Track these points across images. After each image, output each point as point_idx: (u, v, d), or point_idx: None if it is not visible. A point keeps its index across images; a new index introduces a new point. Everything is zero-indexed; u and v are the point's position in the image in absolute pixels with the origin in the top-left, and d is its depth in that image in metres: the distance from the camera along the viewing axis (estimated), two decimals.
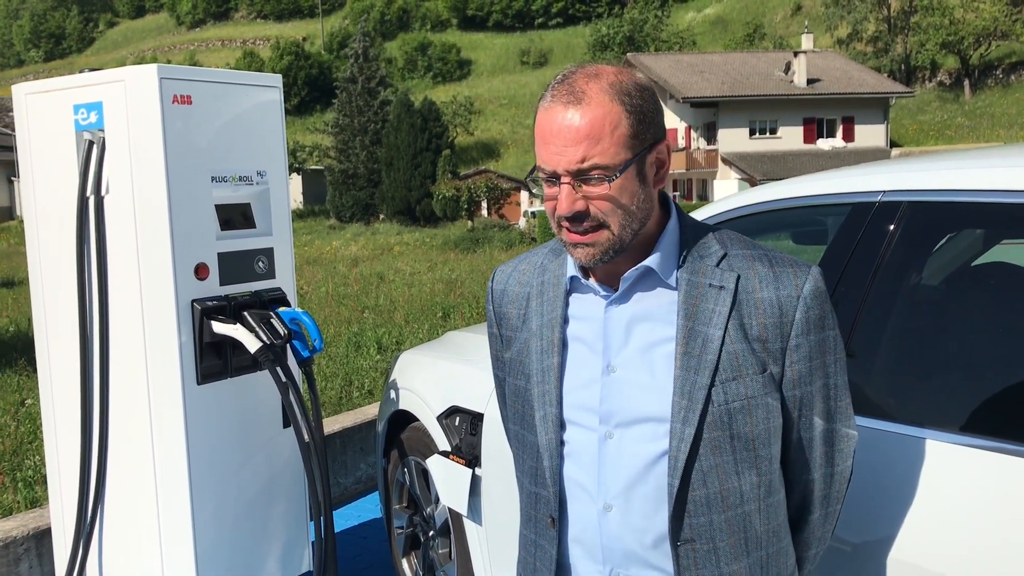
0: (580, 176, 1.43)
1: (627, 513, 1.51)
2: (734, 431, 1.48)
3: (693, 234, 1.57)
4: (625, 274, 1.52)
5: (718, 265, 1.52)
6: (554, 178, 1.45)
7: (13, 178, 46.18)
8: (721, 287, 1.50)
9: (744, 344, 1.48)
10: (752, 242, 1.59)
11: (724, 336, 1.48)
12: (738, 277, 1.51)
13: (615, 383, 1.52)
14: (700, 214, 2.65)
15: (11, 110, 2.90)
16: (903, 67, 59.06)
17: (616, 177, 1.44)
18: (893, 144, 45.61)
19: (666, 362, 1.50)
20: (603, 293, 1.56)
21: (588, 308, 1.58)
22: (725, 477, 1.48)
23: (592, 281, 1.57)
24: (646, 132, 1.47)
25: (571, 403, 1.57)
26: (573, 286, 1.61)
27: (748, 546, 1.51)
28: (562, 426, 1.57)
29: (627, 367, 1.52)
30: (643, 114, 1.46)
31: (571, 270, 1.60)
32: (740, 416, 1.48)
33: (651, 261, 1.51)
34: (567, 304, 1.61)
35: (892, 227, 2.10)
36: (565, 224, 1.48)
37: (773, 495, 1.55)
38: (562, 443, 1.57)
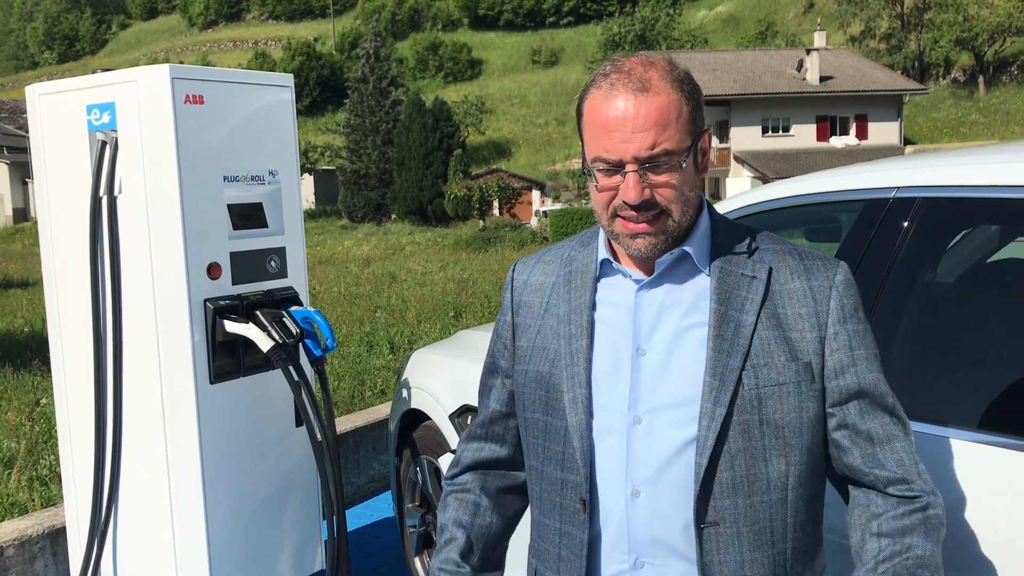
0: (648, 163, 1.42)
1: (656, 499, 1.49)
2: (763, 416, 1.46)
3: (724, 227, 1.58)
4: (660, 258, 1.51)
5: (750, 257, 1.54)
6: (618, 167, 1.44)
7: (27, 180, 46.46)
8: (754, 277, 1.51)
9: (777, 331, 1.49)
10: (780, 238, 1.60)
11: (756, 323, 1.48)
12: (770, 269, 1.52)
13: (646, 366, 1.51)
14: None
15: (25, 112, 2.94)
16: (916, 64, 58.77)
17: (684, 163, 1.45)
18: (907, 142, 45.39)
19: (698, 346, 1.49)
20: (635, 278, 1.55)
21: (618, 293, 1.57)
22: (752, 462, 1.47)
23: (623, 265, 1.57)
24: (700, 119, 1.50)
25: (600, 388, 1.54)
26: (603, 271, 1.60)
27: (773, 536, 1.49)
28: (590, 411, 1.55)
29: (658, 350, 1.51)
30: (696, 101, 1.48)
31: (602, 253, 1.59)
32: (770, 402, 1.46)
33: (687, 245, 1.52)
34: (595, 290, 1.59)
35: (906, 223, 2.08)
36: (626, 214, 1.46)
37: (803, 487, 1.50)
38: (590, 428, 1.54)
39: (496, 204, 43.90)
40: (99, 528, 2.94)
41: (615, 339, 1.55)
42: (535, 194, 47.94)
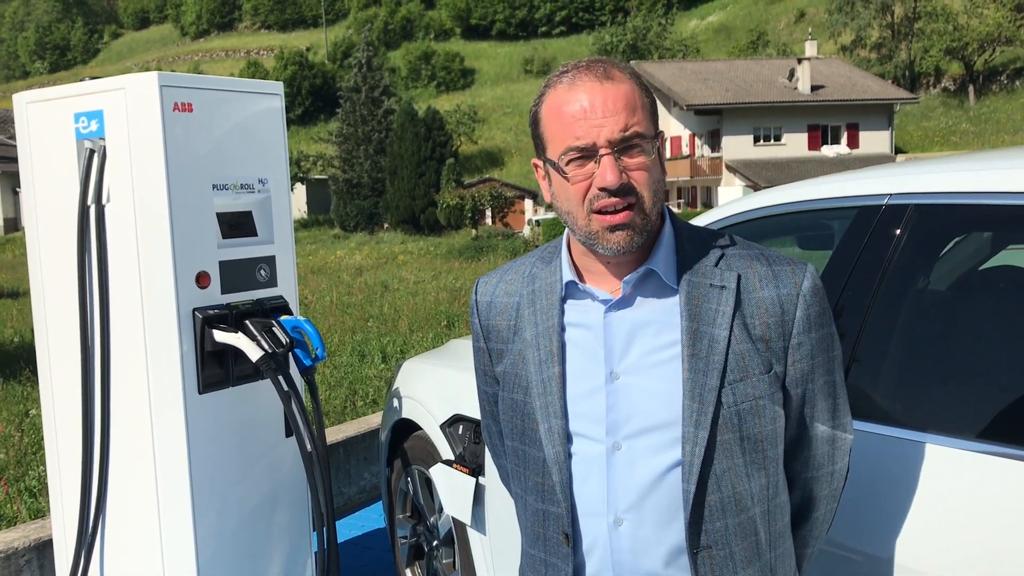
0: (622, 145, 1.41)
1: (639, 527, 1.47)
2: (744, 433, 1.45)
3: (688, 235, 1.55)
4: (626, 277, 1.49)
5: (717, 265, 1.51)
6: (590, 154, 1.42)
7: (18, 189, 46.33)
8: (723, 287, 1.48)
9: (749, 344, 1.47)
10: (745, 241, 1.58)
11: (730, 336, 1.46)
12: (739, 276, 1.49)
13: (620, 391, 1.48)
14: (705, 219, 2.63)
15: (13, 121, 2.91)
16: (907, 73, 59.07)
17: (655, 146, 1.45)
18: (898, 150, 45.58)
19: (672, 366, 1.46)
20: (602, 298, 1.51)
21: (586, 314, 1.53)
22: (737, 480, 1.46)
23: (589, 286, 1.53)
24: (657, 118, 1.50)
25: (576, 414, 1.51)
26: (568, 292, 1.56)
27: (759, 549, 1.49)
28: (568, 439, 1.52)
29: (632, 373, 1.48)
30: (654, 101, 1.50)
31: (567, 275, 1.55)
32: (749, 417, 1.45)
33: (653, 262, 1.49)
34: (563, 312, 1.56)
35: (899, 231, 2.08)
36: (602, 205, 1.42)
37: (779, 496, 1.53)
38: (569, 456, 1.52)
39: (489, 213, 43.95)
40: (86, 540, 2.91)
41: (586, 364, 1.52)
42: (528, 203, 48.00)
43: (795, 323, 1.48)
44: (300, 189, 56.88)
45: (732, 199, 3.40)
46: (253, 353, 2.78)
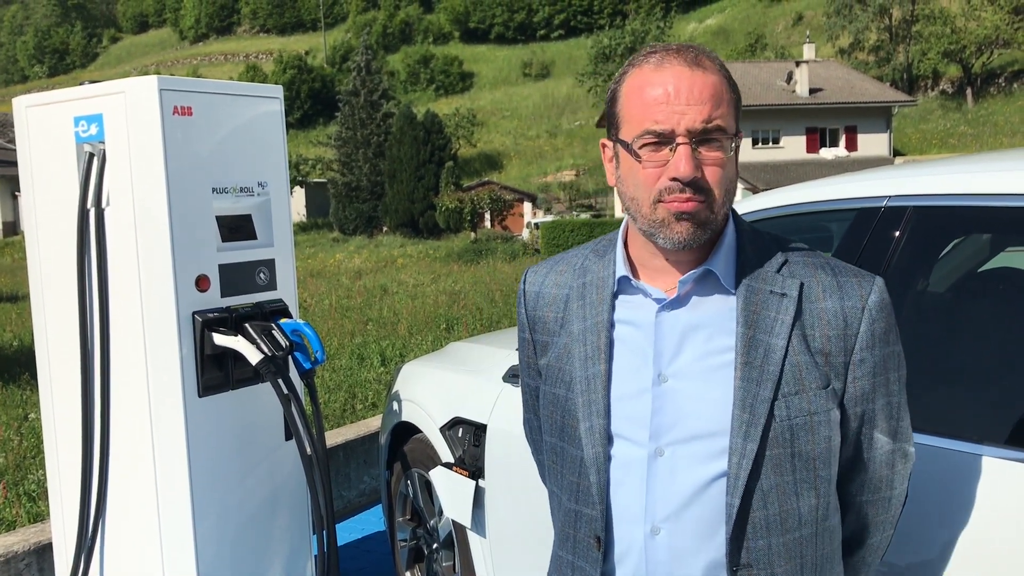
0: (701, 136, 1.35)
1: (677, 537, 1.40)
2: (795, 449, 1.38)
3: (751, 238, 1.48)
4: (683, 276, 1.42)
5: (779, 271, 1.44)
6: (667, 141, 1.35)
7: (17, 193, 46.31)
8: (783, 294, 1.41)
9: (807, 356, 1.40)
10: (813, 250, 1.51)
11: (787, 346, 1.39)
12: (801, 284, 1.42)
13: (667, 394, 1.42)
14: None
15: (13, 125, 2.91)
16: (905, 76, 59.13)
17: (735, 144, 1.38)
18: (896, 153, 45.61)
19: (724, 373, 1.40)
20: (655, 296, 1.45)
21: (637, 312, 1.47)
22: (785, 498, 1.39)
23: (643, 283, 1.47)
24: (739, 116, 1.43)
25: (619, 415, 1.45)
26: (620, 288, 1.50)
27: (803, 572, 1.42)
28: (609, 440, 1.45)
29: (681, 377, 1.42)
30: (739, 99, 1.43)
31: (620, 270, 1.49)
32: (802, 433, 1.38)
33: (712, 263, 1.43)
34: (613, 307, 1.49)
35: (898, 233, 2.08)
36: (671, 194, 1.36)
37: (830, 518, 1.45)
38: (608, 458, 1.45)
39: (488, 216, 43.96)
40: (86, 544, 2.91)
41: (634, 363, 1.45)
42: (527, 206, 48.02)
43: (858, 338, 1.41)
44: (299, 192, 56.89)
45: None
46: (253, 356, 2.78)
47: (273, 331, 2.86)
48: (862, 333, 1.41)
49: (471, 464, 3.14)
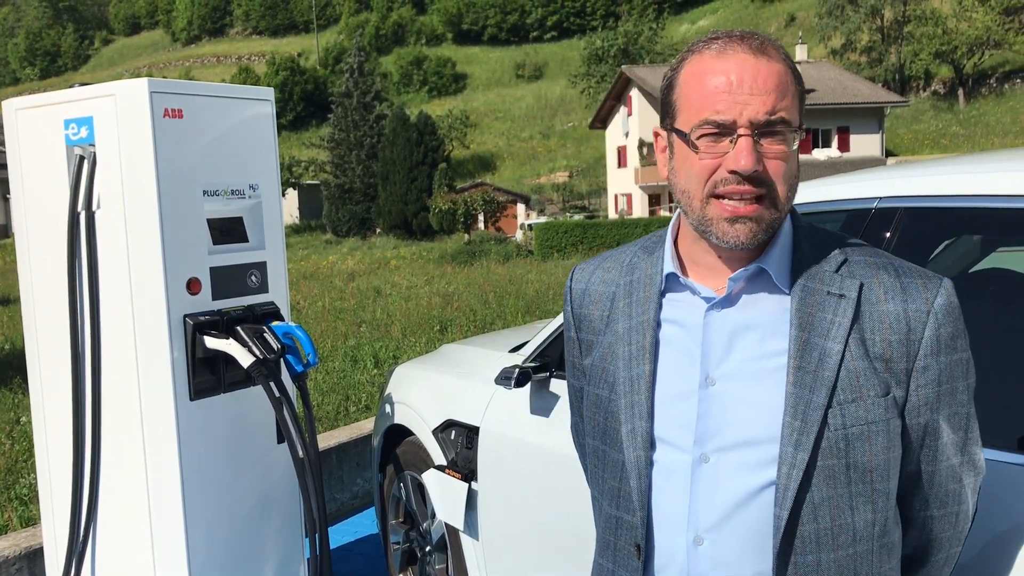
0: (764, 129, 1.28)
1: (721, 548, 1.33)
2: (850, 460, 1.31)
3: (808, 235, 1.41)
4: (734, 274, 1.35)
5: (837, 271, 1.36)
6: (728, 132, 1.28)
7: (7, 196, 46.14)
8: (841, 295, 1.34)
9: (865, 362, 1.31)
10: (875, 248, 1.43)
11: (844, 351, 1.31)
12: (861, 285, 1.34)
13: (714, 398, 1.35)
14: None
15: (3, 128, 2.90)
16: (897, 77, 59.34)
17: (798, 139, 1.31)
18: (889, 153, 45.73)
19: (776, 378, 1.33)
20: (704, 295, 1.38)
21: (685, 311, 1.40)
22: (838, 512, 1.31)
23: (692, 280, 1.40)
24: (803, 109, 1.35)
25: (663, 418, 1.38)
26: (668, 286, 1.43)
27: None
28: (652, 444, 1.39)
29: (729, 380, 1.35)
30: (804, 91, 1.36)
31: (668, 267, 1.42)
32: (858, 443, 1.31)
33: (765, 261, 1.35)
34: (660, 306, 1.43)
35: (888, 234, 2.08)
36: (728, 191, 1.29)
37: (888, 535, 1.37)
38: (650, 463, 1.39)
39: (481, 218, 43.95)
40: (77, 548, 2.90)
41: (681, 364, 1.39)
42: (520, 207, 48.07)
43: (922, 344, 1.32)
44: (292, 194, 56.87)
45: None
46: (244, 359, 2.77)
47: (265, 334, 2.86)
48: (927, 338, 1.33)
49: (464, 466, 3.13)
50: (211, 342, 2.76)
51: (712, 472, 1.34)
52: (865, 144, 44.30)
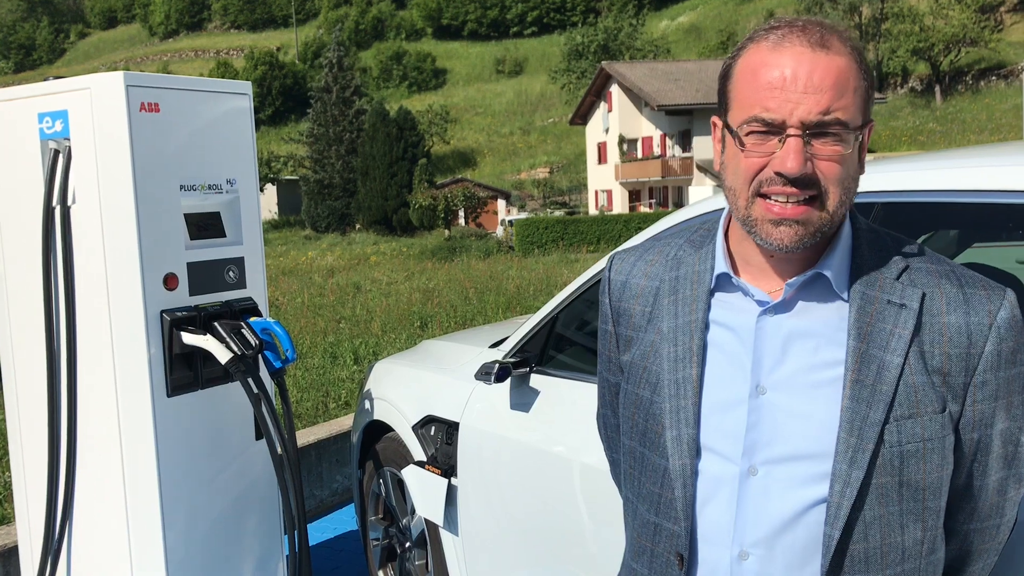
0: (816, 130, 1.21)
1: (767, 564, 1.29)
2: (904, 478, 1.25)
3: (870, 240, 1.34)
4: (791, 279, 1.29)
5: (898, 279, 1.29)
6: (777, 131, 1.22)
7: None
8: (903, 305, 1.27)
9: (924, 376, 1.26)
10: (937, 255, 1.36)
11: (904, 365, 1.25)
12: (923, 295, 1.28)
13: (765, 408, 1.29)
14: (674, 218, 2.63)
15: None
16: (875, 73, 59.67)
17: (858, 138, 1.24)
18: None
19: (831, 390, 1.27)
20: (758, 298, 1.31)
21: (736, 314, 1.34)
22: (888, 531, 1.26)
23: (745, 281, 1.33)
24: (871, 104, 1.27)
25: (710, 426, 1.33)
26: (718, 285, 1.37)
27: None
28: (697, 452, 1.34)
29: (781, 390, 1.29)
30: (871, 84, 1.28)
31: (720, 266, 1.36)
32: (913, 461, 1.25)
33: (824, 266, 1.29)
34: (709, 307, 1.36)
35: None
36: (773, 191, 1.23)
37: (936, 552, 1.32)
38: (696, 472, 1.34)
39: (461, 214, 43.94)
40: (52, 546, 2.87)
41: (730, 370, 1.33)
42: (500, 203, 48.09)
43: (983, 358, 1.26)
44: (271, 190, 56.62)
45: (703, 198, 3.40)
46: (222, 355, 2.75)
47: (243, 330, 2.84)
48: (987, 353, 1.27)
49: (443, 462, 3.13)
50: (188, 338, 2.74)
51: (761, 486, 1.29)
52: None
